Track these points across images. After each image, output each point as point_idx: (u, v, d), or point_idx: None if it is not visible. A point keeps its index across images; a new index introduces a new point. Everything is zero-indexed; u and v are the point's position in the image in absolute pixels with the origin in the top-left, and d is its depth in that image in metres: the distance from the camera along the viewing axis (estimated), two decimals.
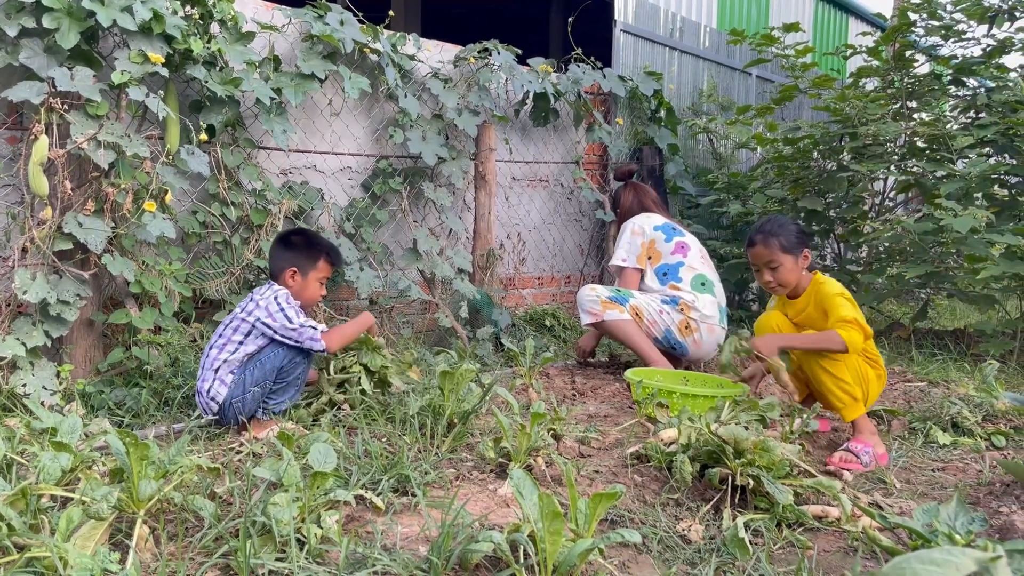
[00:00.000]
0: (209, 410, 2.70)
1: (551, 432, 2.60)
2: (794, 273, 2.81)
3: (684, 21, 6.58)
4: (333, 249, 2.93)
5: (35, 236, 2.90)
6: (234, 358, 2.69)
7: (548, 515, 1.59)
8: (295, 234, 2.93)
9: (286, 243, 2.87)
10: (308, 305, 2.89)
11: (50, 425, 2.20)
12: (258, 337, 2.72)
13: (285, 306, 2.71)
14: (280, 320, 2.69)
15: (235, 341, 2.71)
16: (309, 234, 2.96)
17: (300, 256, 2.84)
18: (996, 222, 4.40)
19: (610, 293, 3.92)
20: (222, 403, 2.67)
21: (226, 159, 3.50)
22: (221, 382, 2.67)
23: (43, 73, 2.86)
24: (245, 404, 2.69)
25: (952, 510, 1.74)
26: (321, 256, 2.87)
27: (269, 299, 2.71)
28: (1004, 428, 3.01)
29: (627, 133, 5.72)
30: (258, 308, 2.70)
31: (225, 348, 2.69)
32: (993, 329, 4.47)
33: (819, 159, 5.68)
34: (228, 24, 3.36)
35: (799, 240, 2.80)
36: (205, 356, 2.74)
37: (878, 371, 2.76)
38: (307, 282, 2.84)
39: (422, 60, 4.36)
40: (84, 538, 1.64)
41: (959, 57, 5.40)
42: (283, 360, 2.73)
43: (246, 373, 2.69)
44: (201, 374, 2.72)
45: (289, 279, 2.82)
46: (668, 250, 4.01)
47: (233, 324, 2.73)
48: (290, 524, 1.70)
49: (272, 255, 2.88)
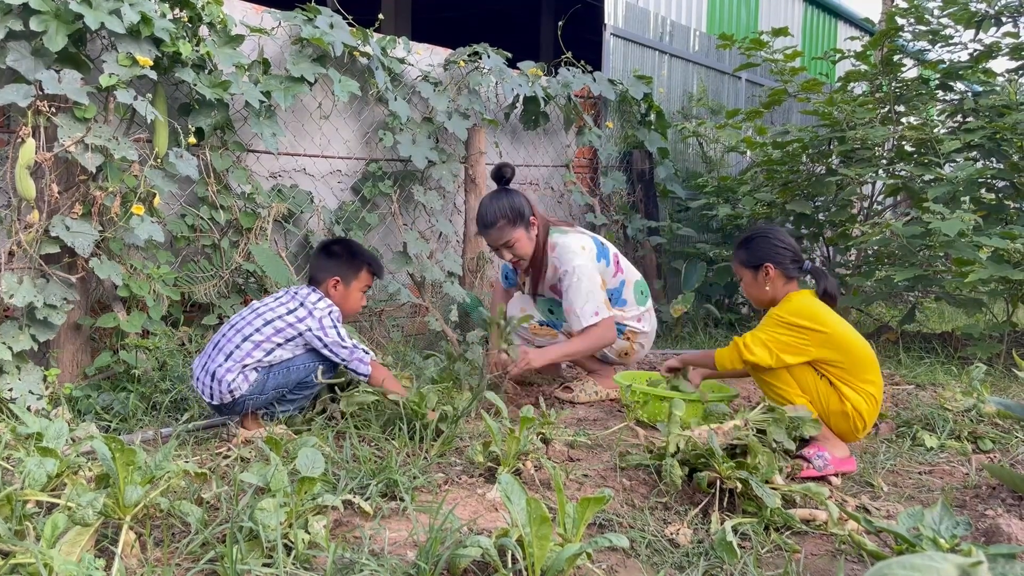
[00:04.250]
0: (219, 398, 2.66)
1: (540, 436, 2.60)
2: (753, 288, 2.74)
3: (674, 25, 6.60)
4: (375, 260, 2.96)
5: (22, 239, 2.88)
6: (269, 359, 2.69)
7: (536, 520, 1.60)
8: (336, 243, 2.97)
9: (328, 252, 2.90)
10: (349, 314, 2.91)
11: (36, 430, 2.18)
12: (298, 346, 2.73)
13: (338, 324, 2.76)
14: (333, 337, 2.71)
15: (275, 342, 2.69)
16: (352, 244, 2.99)
17: (343, 266, 2.86)
18: (983, 226, 4.43)
19: (543, 317, 3.54)
20: (237, 398, 2.67)
21: (215, 162, 3.49)
22: (245, 378, 2.66)
23: (30, 76, 2.85)
24: (256, 403, 2.71)
25: (937, 514, 1.75)
26: (364, 267, 2.91)
27: (324, 313, 2.73)
28: (991, 431, 3.02)
29: (617, 137, 5.73)
30: (311, 318, 2.71)
31: (261, 346, 2.68)
32: (980, 332, 4.49)
33: (808, 163, 5.70)
34: (217, 27, 3.36)
35: (764, 254, 2.68)
36: (232, 343, 2.67)
37: (862, 393, 2.57)
38: (349, 291, 2.87)
39: (412, 63, 4.36)
40: (69, 544, 1.63)
41: (946, 61, 5.44)
42: (309, 375, 2.75)
43: (270, 376, 2.70)
44: (225, 361, 2.64)
45: (331, 288, 2.84)
46: (609, 273, 3.47)
47: (276, 325, 2.70)
48: (277, 529, 1.69)
49: (314, 264, 2.91)
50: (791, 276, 2.70)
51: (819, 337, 2.54)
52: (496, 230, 3.29)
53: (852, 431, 2.60)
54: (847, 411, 2.57)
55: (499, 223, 3.28)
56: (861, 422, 2.59)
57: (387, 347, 4.14)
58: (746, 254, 2.74)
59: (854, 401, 2.56)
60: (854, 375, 2.58)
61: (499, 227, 3.29)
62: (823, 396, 2.58)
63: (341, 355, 2.73)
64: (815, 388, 2.59)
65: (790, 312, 2.60)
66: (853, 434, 2.62)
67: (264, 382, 2.69)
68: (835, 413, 2.59)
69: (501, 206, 3.29)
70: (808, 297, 2.66)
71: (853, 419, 2.57)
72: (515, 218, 3.30)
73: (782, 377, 2.59)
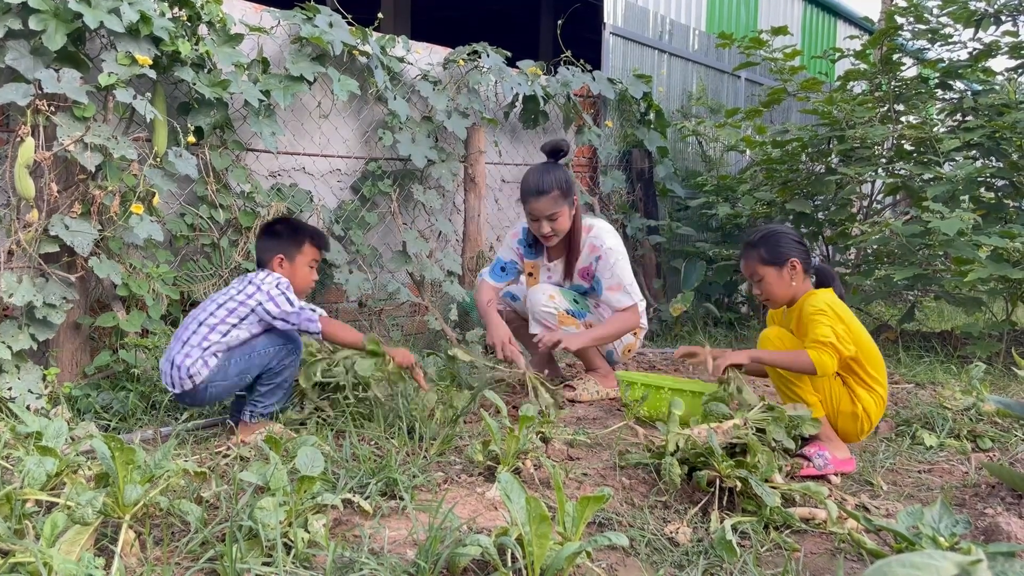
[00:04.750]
0: (180, 385, 2.64)
1: (540, 435, 2.60)
2: (780, 286, 2.66)
3: (673, 24, 6.60)
4: (317, 233, 2.93)
5: (21, 239, 2.88)
6: (225, 340, 2.67)
7: (535, 518, 1.60)
8: (278, 223, 2.93)
9: (270, 232, 2.88)
10: (302, 290, 2.89)
11: (35, 429, 2.18)
12: (253, 324, 2.70)
13: (286, 291, 2.72)
14: (283, 305, 2.69)
15: (229, 323, 2.68)
16: (292, 221, 2.95)
17: (286, 243, 2.84)
18: (983, 224, 4.43)
19: (569, 305, 3.47)
20: (198, 384, 2.64)
21: (214, 161, 3.49)
22: (205, 363, 2.64)
23: (29, 75, 2.85)
24: (221, 390, 2.68)
25: (936, 512, 1.75)
26: (306, 240, 2.87)
27: (271, 284, 2.71)
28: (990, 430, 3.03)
29: (616, 136, 5.73)
30: (259, 292, 2.69)
31: (217, 328, 2.66)
32: (980, 331, 4.50)
33: (807, 162, 5.71)
34: (216, 26, 3.36)
35: (786, 250, 2.65)
36: (189, 331, 2.68)
37: (874, 395, 2.58)
38: (295, 267, 2.84)
39: (411, 62, 4.36)
40: (69, 543, 1.63)
41: (946, 60, 5.45)
42: (272, 360, 2.72)
43: (231, 361, 2.67)
44: (182, 348, 2.65)
45: (278, 266, 2.82)
46: None
47: (229, 306, 2.69)
48: (277, 528, 1.69)
49: (258, 246, 2.89)
50: (808, 272, 2.69)
51: (848, 336, 2.54)
52: (549, 199, 3.26)
53: (857, 433, 2.60)
54: (857, 412, 2.56)
55: (553, 192, 3.26)
56: (868, 424, 2.59)
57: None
58: (768, 252, 2.66)
59: (865, 403, 2.56)
60: (868, 376, 2.58)
61: (552, 196, 3.26)
62: (835, 396, 2.58)
63: (291, 321, 2.70)
64: (828, 387, 2.58)
65: (824, 309, 2.53)
66: (857, 436, 2.61)
67: (226, 368, 2.66)
68: (844, 414, 2.58)
69: (557, 177, 3.28)
70: (830, 293, 2.64)
71: (861, 420, 2.57)
72: (566, 192, 3.30)
73: (801, 375, 2.57)
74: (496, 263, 3.63)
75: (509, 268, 3.63)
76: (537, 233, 3.39)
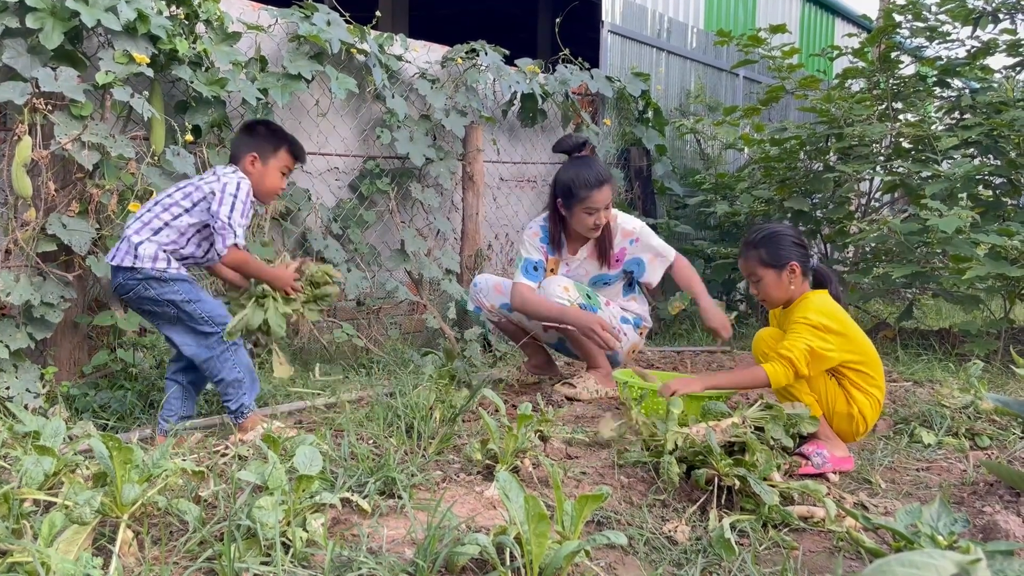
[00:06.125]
0: (119, 258, 2.60)
1: (538, 433, 2.60)
2: (778, 288, 2.63)
3: (671, 22, 6.59)
4: (297, 143, 2.87)
5: (18, 237, 2.88)
6: (175, 224, 2.64)
7: (534, 517, 1.59)
8: (259, 123, 2.88)
9: (249, 131, 2.82)
10: (268, 195, 2.83)
11: (33, 428, 2.18)
12: (202, 213, 2.66)
13: (239, 202, 2.65)
14: (227, 204, 2.62)
15: (182, 206, 2.65)
16: (273, 126, 2.90)
17: (262, 142, 2.77)
18: (981, 222, 4.43)
19: (582, 300, 3.44)
20: (137, 265, 2.59)
21: (212, 160, 3.49)
22: (154, 246, 2.61)
23: (27, 73, 2.84)
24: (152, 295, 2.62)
25: (935, 511, 1.75)
26: (284, 146, 2.81)
27: (232, 181, 2.65)
28: (988, 428, 3.03)
29: (615, 134, 5.73)
30: (217, 183, 2.65)
31: (170, 209, 2.64)
32: (978, 329, 4.50)
33: (806, 160, 5.71)
34: (214, 24, 3.35)
35: (787, 253, 2.61)
36: (146, 210, 2.66)
37: (870, 397, 2.57)
38: (267, 169, 2.77)
39: (409, 61, 4.36)
40: (67, 543, 1.63)
41: (944, 58, 5.45)
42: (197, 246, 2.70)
43: (163, 230, 2.65)
44: (139, 228, 2.62)
45: (249, 165, 2.75)
46: None
47: (186, 190, 2.67)
48: (275, 527, 1.69)
49: (234, 142, 2.83)
50: (806, 275, 2.66)
51: (840, 340, 2.51)
52: (610, 187, 3.36)
53: (853, 433, 2.60)
54: (852, 413, 2.55)
55: (612, 180, 3.40)
56: (864, 425, 2.58)
57: (384, 344, 4.14)
58: (769, 253, 2.62)
59: (861, 404, 2.55)
60: (864, 378, 2.57)
61: (612, 184, 3.39)
62: (830, 397, 2.57)
63: (215, 226, 2.63)
64: (824, 388, 2.57)
65: (818, 313, 2.51)
66: (852, 436, 2.61)
67: (171, 285, 2.62)
68: (839, 414, 2.57)
69: (605, 167, 3.44)
70: (825, 296, 2.61)
71: (857, 422, 2.56)
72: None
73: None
74: (526, 264, 3.55)
75: (540, 267, 3.58)
76: (591, 225, 3.39)
